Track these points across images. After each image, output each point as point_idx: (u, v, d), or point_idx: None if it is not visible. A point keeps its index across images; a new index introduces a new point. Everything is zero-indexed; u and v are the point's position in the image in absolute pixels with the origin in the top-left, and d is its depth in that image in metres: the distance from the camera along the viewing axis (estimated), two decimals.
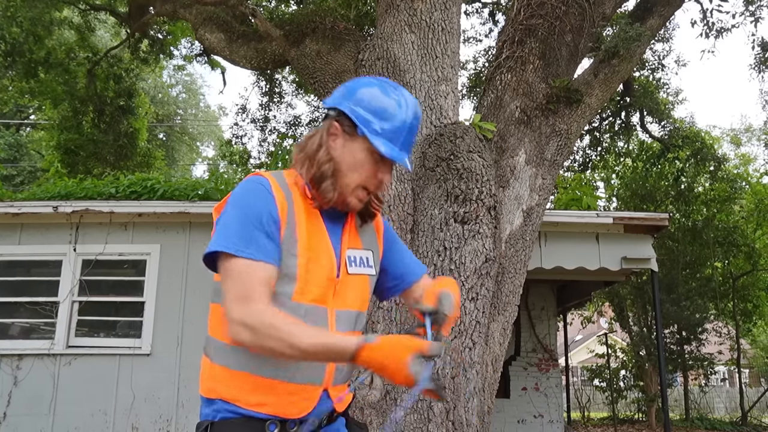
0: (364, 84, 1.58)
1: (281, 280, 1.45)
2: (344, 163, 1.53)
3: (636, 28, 5.77)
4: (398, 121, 1.53)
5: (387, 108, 1.53)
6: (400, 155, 1.54)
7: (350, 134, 1.53)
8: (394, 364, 1.29)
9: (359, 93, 1.54)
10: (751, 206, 16.09)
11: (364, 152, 1.53)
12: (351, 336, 1.38)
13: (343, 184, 1.54)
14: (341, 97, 1.57)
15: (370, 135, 1.51)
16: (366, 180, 1.55)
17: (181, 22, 10.62)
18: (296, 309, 1.46)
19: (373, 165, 1.54)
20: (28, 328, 6.50)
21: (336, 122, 1.54)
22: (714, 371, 16.27)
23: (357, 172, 1.54)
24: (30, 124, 22.30)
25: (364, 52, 5.37)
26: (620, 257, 6.74)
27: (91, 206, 6.44)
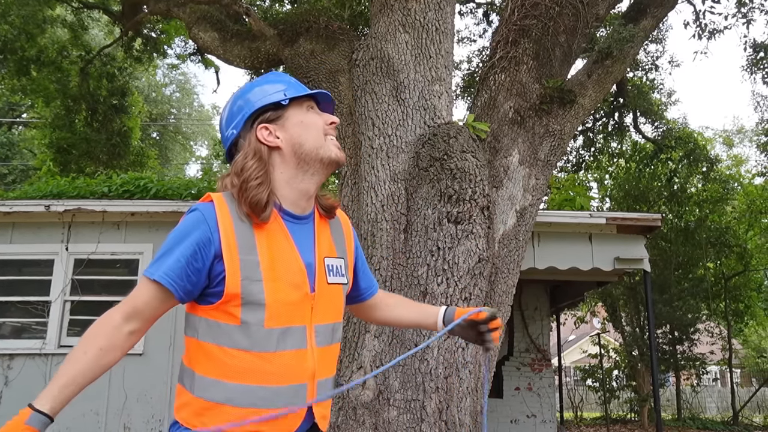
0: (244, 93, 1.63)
1: (248, 309, 1.42)
2: (296, 136, 1.56)
3: (629, 29, 5.79)
4: (288, 81, 1.63)
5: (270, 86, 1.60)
6: (314, 90, 1.65)
7: (277, 117, 1.57)
8: None
9: (249, 97, 1.60)
10: (743, 207, 16.17)
11: (301, 112, 1.59)
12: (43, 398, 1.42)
13: (312, 149, 1.56)
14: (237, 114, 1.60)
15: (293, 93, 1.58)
16: (321, 128, 1.59)
17: (174, 21, 10.58)
18: (270, 335, 1.43)
19: (315, 115, 1.61)
20: (20, 328, 6.46)
21: (261, 125, 1.56)
22: (706, 371, 16.36)
23: (311, 129, 1.58)
24: (22, 122, 22.19)
25: (358, 51, 5.37)
26: (613, 257, 6.76)
27: (84, 205, 6.41)
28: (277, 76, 1.66)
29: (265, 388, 1.42)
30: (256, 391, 1.42)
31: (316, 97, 1.65)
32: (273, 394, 1.43)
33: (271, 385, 1.43)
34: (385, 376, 4.10)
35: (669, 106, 13.89)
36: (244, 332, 1.41)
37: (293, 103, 1.58)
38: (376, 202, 4.66)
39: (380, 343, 4.21)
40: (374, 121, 4.93)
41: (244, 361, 1.42)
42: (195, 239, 1.42)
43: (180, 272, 1.41)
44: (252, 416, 1.40)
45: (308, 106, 1.61)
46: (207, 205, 1.48)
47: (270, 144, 1.54)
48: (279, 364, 1.44)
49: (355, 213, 5.00)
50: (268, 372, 1.43)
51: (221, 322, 1.43)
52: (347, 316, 4.52)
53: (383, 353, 4.17)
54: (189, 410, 1.46)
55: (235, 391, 1.42)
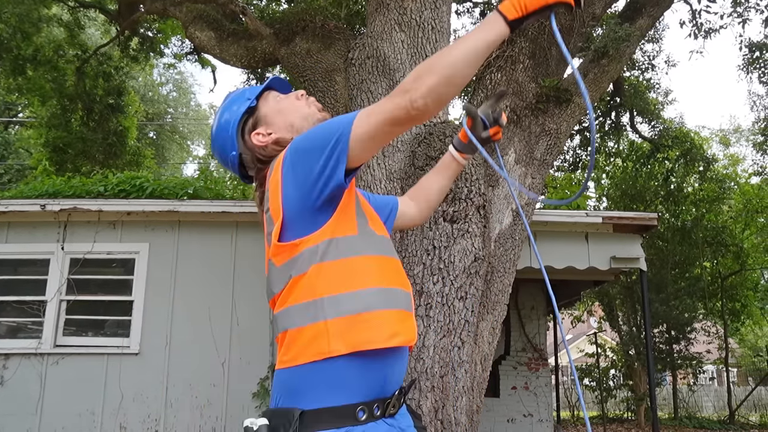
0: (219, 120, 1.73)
1: (362, 218, 1.52)
2: (282, 121, 1.68)
3: (625, 28, 5.80)
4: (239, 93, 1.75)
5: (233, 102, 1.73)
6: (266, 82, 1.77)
7: (256, 120, 1.69)
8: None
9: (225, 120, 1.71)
10: (739, 206, 16.21)
11: (271, 104, 1.71)
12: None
13: (302, 119, 1.67)
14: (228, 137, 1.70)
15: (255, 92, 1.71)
16: (295, 103, 1.72)
17: (171, 20, 10.57)
18: (381, 241, 1.55)
19: (282, 98, 1.73)
20: (15, 327, 6.44)
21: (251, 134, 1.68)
22: (702, 370, 16.42)
23: (291, 109, 1.70)
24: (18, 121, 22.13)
25: (354, 50, 5.36)
26: (609, 257, 6.77)
27: (80, 204, 6.39)
28: (238, 91, 1.76)
29: (393, 289, 1.48)
30: (388, 292, 1.46)
31: (273, 87, 1.76)
32: (399, 295, 1.49)
33: (395, 287, 1.49)
34: None
35: (665, 105, 13.92)
36: (362, 239, 1.48)
37: (261, 101, 1.71)
38: None
39: None
40: None
41: (370, 265, 1.47)
42: None
43: None
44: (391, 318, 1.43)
45: (275, 98, 1.72)
46: None
47: (269, 141, 1.65)
48: (394, 268, 1.54)
49: None
50: (393, 274, 1.51)
51: (340, 237, 1.45)
52: None
53: None
54: (326, 338, 1.38)
55: (370, 295, 1.43)
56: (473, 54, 1.32)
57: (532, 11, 1.35)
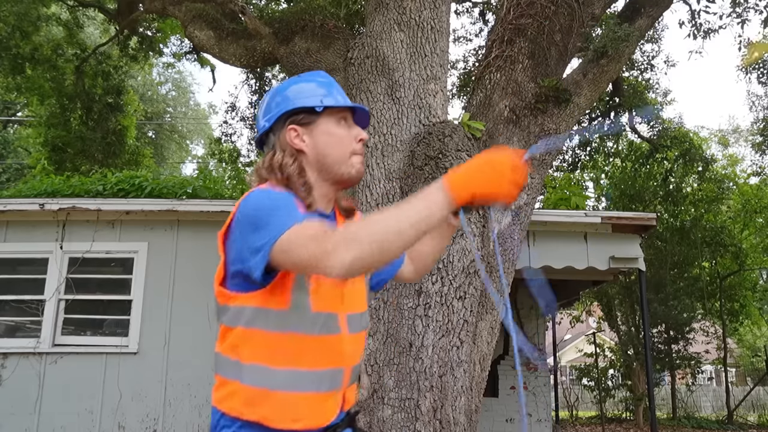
0: (284, 88, 1.65)
1: (298, 291, 1.46)
2: (322, 146, 1.58)
3: (624, 28, 5.80)
4: (329, 86, 1.64)
5: (311, 87, 1.62)
6: (351, 103, 1.64)
7: (309, 122, 1.59)
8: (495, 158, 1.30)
9: (288, 93, 1.62)
10: (738, 207, 16.22)
11: (332, 123, 1.60)
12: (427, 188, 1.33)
13: (333, 163, 1.58)
14: (274, 108, 1.62)
15: (330, 102, 1.59)
16: (348, 144, 1.61)
17: (170, 20, 10.56)
18: (317, 318, 1.48)
19: (345, 129, 1.62)
20: (14, 327, 6.44)
21: (290, 126, 1.59)
22: (701, 370, 16.41)
23: (339, 145, 1.59)
24: (17, 120, 22.11)
25: (353, 50, 5.36)
26: (608, 257, 6.77)
27: (78, 204, 6.39)
28: (322, 77, 1.68)
29: (311, 372, 1.47)
30: (303, 375, 1.46)
31: (352, 109, 1.66)
32: (317, 378, 1.48)
33: (316, 369, 1.47)
34: (379, 375, 4.10)
35: (665, 105, 13.94)
36: (292, 316, 1.45)
37: (327, 111, 1.60)
38: (371, 201, 4.66)
39: (374, 342, 4.21)
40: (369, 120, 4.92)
41: (292, 344, 1.45)
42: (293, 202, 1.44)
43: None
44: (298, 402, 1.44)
45: (341, 117, 1.62)
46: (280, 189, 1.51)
47: (295, 146, 1.58)
48: (323, 347, 1.49)
49: None
50: (313, 355, 1.47)
51: (270, 308, 1.45)
52: None
53: (378, 352, 4.17)
54: (238, 399, 1.46)
55: (283, 377, 1.44)
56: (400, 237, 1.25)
57: (477, 204, 1.34)
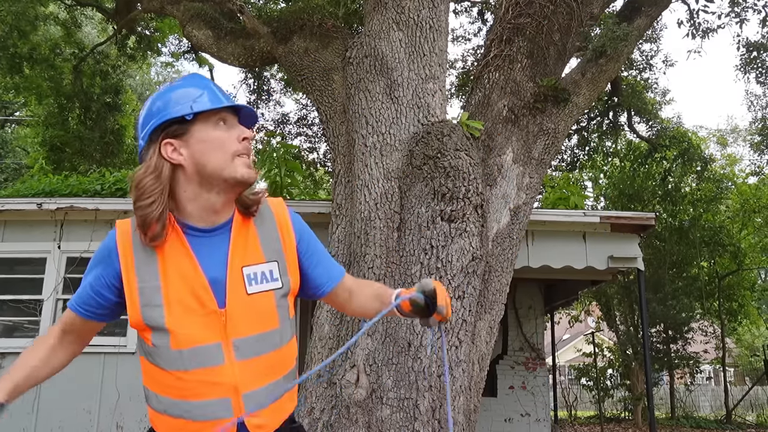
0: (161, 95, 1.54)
1: (155, 333, 1.46)
2: (198, 155, 1.46)
3: (623, 27, 5.79)
4: (205, 88, 1.51)
5: (183, 93, 1.50)
6: (229, 99, 1.52)
7: (183, 132, 1.47)
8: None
9: (158, 105, 1.51)
10: (736, 206, 16.23)
11: (208, 128, 1.48)
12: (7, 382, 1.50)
13: (215, 170, 1.46)
14: (146, 123, 1.51)
15: (201, 106, 1.47)
16: (229, 147, 1.48)
17: (168, 19, 10.55)
18: (179, 356, 1.44)
19: (224, 131, 1.50)
20: (12, 327, 6.43)
21: (163, 140, 1.47)
22: (699, 370, 16.41)
23: (217, 149, 1.47)
24: (15, 120, 22.08)
25: (352, 49, 5.36)
26: (607, 256, 6.77)
27: (76, 203, 6.38)
28: (194, 81, 1.55)
29: (189, 402, 1.46)
30: (182, 404, 1.46)
31: (236, 108, 1.54)
32: (195, 407, 1.46)
33: (191, 400, 1.46)
34: (378, 375, 4.09)
35: (663, 105, 13.95)
36: (157, 354, 1.46)
37: (201, 117, 1.48)
38: (370, 201, 4.65)
39: (373, 341, 4.20)
40: (368, 119, 4.92)
41: (165, 378, 1.47)
42: (97, 270, 1.53)
43: (88, 300, 1.55)
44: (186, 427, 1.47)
45: (219, 119, 1.49)
46: (111, 233, 1.55)
47: (172, 161, 1.46)
48: (194, 381, 1.45)
49: (348, 211, 4.99)
50: (186, 388, 1.45)
51: (144, 343, 1.51)
52: (340, 315, 4.50)
53: (376, 351, 4.16)
54: (150, 416, 1.56)
55: (166, 404, 1.48)
56: None
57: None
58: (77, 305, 1.56)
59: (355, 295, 1.77)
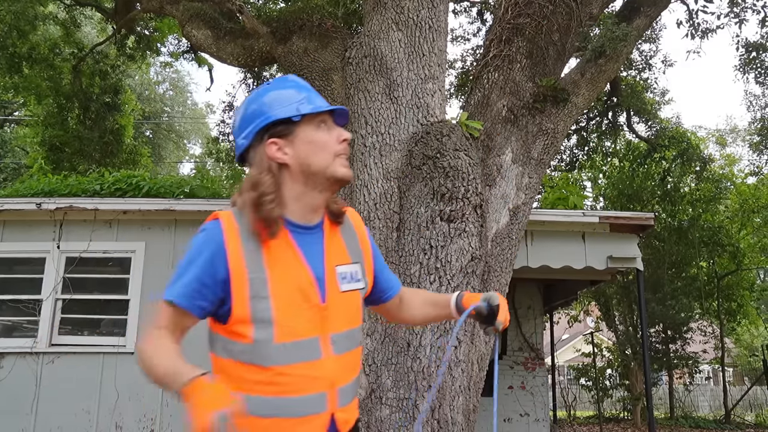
0: (259, 96, 1.61)
1: (258, 326, 1.46)
2: (304, 156, 1.54)
3: (622, 28, 5.80)
4: (304, 90, 1.61)
5: (287, 95, 1.58)
6: (329, 105, 1.61)
7: (288, 132, 1.55)
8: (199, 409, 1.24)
9: (263, 105, 1.57)
10: (735, 206, 16.24)
11: (312, 130, 1.56)
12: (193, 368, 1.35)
13: (319, 169, 1.55)
14: (250, 122, 1.58)
15: (307, 109, 1.55)
16: (331, 148, 1.57)
17: (167, 19, 10.54)
18: (281, 350, 1.47)
19: (326, 133, 1.58)
20: (11, 326, 6.42)
21: (270, 140, 1.54)
22: (698, 370, 16.41)
23: (321, 151, 1.56)
24: (14, 120, 22.07)
25: (351, 49, 5.36)
26: (606, 256, 6.77)
27: (76, 203, 6.38)
28: (293, 83, 1.64)
29: (284, 398, 1.47)
30: (276, 402, 1.46)
31: (334, 113, 1.63)
32: (293, 403, 1.47)
33: (290, 396, 1.47)
34: (377, 375, 4.09)
35: (662, 105, 13.96)
36: (256, 349, 1.46)
37: (306, 119, 1.56)
38: (369, 201, 4.65)
39: (372, 341, 4.21)
40: (367, 119, 4.92)
41: (261, 376, 1.46)
42: (204, 259, 1.47)
43: (193, 292, 1.48)
44: (274, 427, 1.45)
45: (320, 121, 1.58)
46: (214, 223, 1.52)
47: (278, 160, 1.54)
48: (294, 376, 1.47)
49: None
50: (284, 384, 1.47)
51: (235, 341, 1.48)
52: None
53: (375, 351, 4.17)
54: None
55: (256, 404, 1.44)
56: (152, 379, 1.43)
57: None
58: (183, 298, 1.48)
59: (405, 304, 1.91)
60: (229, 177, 14.34)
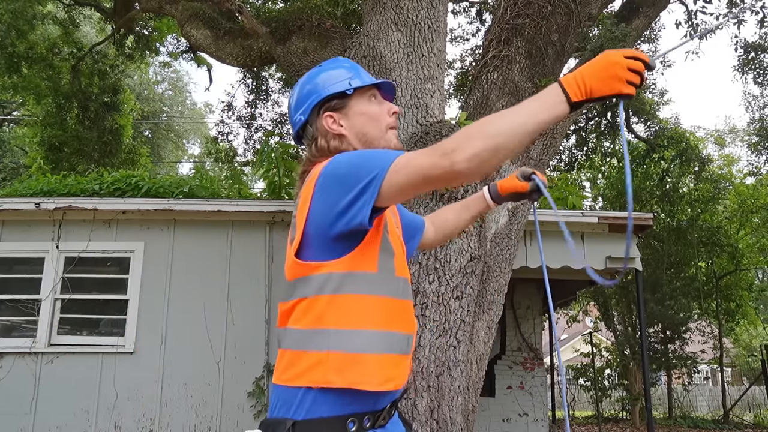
0: (313, 76, 1.71)
1: (384, 255, 1.50)
2: (360, 126, 1.64)
3: (621, 28, 5.81)
4: (353, 69, 1.71)
5: (337, 73, 1.69)
6: (378, 80, 1.71)
7: (342, 106, 1.65)
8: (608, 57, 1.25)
9: (316, 83, 1.68)
10: (734, 207, 16.25)
11: (364, 103, 1.67)
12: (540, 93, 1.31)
13: (374, 138, 1.65)
14: (305, 100, 1.68)
15: (358, 83, 1.65)
16: (384, 119, 1.68)
17: (166, 19, 10.54)
18: (398, 283, 1.53)
19: (378, 105, 1.69)
20: (9, 326, 6.42)
21: (326, 113, 1.64)
22: (697, 370, 16.43)
23: (375, 121, 1.66)
24: (13, 119, 22.04)
25: (350, 50, 5.36)
26: (605, 256, 6.77)
27: (75, 203, 6.37)
28: (343, 62, 1.74)
29: (397, 333, 1.49)
30: (392, 336, 1.48)
31: (380, 87, 1.72)
32: (402, 340, 1.50)
33: (401, 332, 1.50)
34: None
35: (661, 105, 13.97)
36: (381, 279, 1.48)
37: (357, 92, 1.66)
38: None
39: None
40: None
41: (381, 307, 1.47)
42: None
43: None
44: (386, 362, 1.44)
45: (371, 95, 1.68)
46: None
47: (336, 131, 1.63)
48: (404, 311, 1.53)
49: None
50: (400, 318, 1.51)
51: (359, 272, 1.45)
52: None
53: None
54: (325, 369, 1.41)
55: (374, 338, 1.44)
56: (524, 130, 1.26)
57: (595, 97, 1.28)
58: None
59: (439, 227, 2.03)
60: (228, 177, 14.33)
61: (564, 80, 1.29)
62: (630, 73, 1.26)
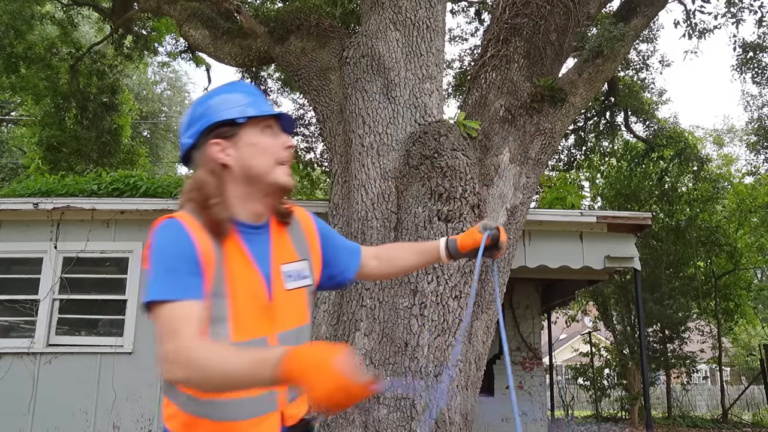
0: (207, 98, 1.60)
1: (215, 323, 1.42)
2: (246, 158, 1.52)
3: (620, 27, 5.80)
4: (253, 95, 1.60)
5: (234, 98, 1.57)
6: (275, 110, 1.60)
7: (232, 134, 1.53)
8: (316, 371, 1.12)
9: (210, 106, 1.56)
10: (733, 206, 16.25)
11: (256, 133, 1.54)
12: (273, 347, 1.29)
13: (260, 174, 1.53)
14: (195, 123, 1.56)
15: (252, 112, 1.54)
16: (275, 153, 1.55)
17: (165, 19, 10.52)
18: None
19: (271, 138, 1.56)
20: (8, 327, 6.41)
21: (213, 140, 1.52)
22: (696, 369, 16.43)
23: (264, 154, 1.54)
24: (11, 120, 22.02)
25: (349, 49, 5.36)
26: (604, 256, 6.77)
27: (73, 203, 6.36)
28: (242, 87, 1.64)
29: (236, 400, 1.44)
30: (227, 404, 1.44)
31: (278, 119, 1.61)
32: (249, 403, 1.45)
33: (241, 397, 1.43)
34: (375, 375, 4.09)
35: (660, 105, 13.97)
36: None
37: (251, 121, 1.54)
38: (367, 200, 4.65)
39: (370, 341, 4.20)
40: (365, 119, 4.92)
41: None
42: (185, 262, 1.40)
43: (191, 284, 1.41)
44: (232, 429, 1.43)
45: (266, 126, 1.56)
46: (174, 221, 1.47)
47: (220, 161, 1.52)
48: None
49: (345, 211, 4.99)
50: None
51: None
52: (337, 315, 4.51)
53: (373, 351, 4.16)
54: (177, 422, 1.50)
55: (208, 406, 1.44)
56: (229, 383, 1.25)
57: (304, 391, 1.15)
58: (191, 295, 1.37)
59: (385, 259, 1.92)
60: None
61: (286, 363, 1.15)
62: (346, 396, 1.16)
